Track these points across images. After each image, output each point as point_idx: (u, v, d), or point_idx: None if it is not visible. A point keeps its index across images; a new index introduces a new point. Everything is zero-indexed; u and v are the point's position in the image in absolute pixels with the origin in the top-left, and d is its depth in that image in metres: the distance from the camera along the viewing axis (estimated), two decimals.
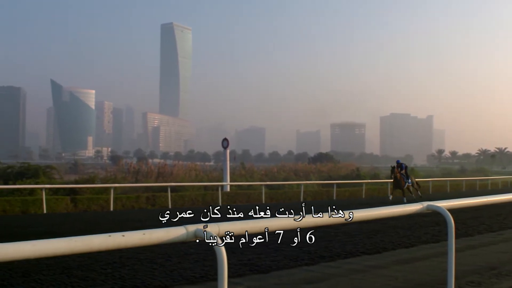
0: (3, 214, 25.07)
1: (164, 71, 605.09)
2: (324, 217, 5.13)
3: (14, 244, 3.31)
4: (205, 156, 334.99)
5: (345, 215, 5.26)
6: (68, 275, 8.97)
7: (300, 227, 4.75)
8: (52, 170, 41.67)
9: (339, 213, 5.21)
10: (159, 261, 10.27)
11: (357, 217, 5.48)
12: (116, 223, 19.14)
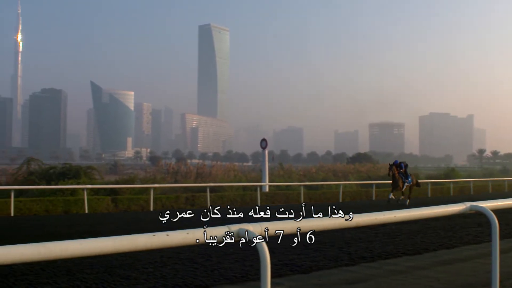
0: (46, 214, 25.54)
1: (202, 72, 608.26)
2: (371, 217, 5.10)
3: (62, 243, 3.38)
4: (243, 157, 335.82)
5: (388, 216, 5.22)
6: (110, 274, 9.08)
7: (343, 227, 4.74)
8: (93, 170, 42.24)
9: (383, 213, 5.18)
10: (199, 260, 10.33)
11: (399, 217, 5.44)
12: (156, 223, 19.31)
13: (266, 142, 37.77)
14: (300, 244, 12.21)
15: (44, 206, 26.05)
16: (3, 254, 3.23)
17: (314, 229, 4.57)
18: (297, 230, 4.41)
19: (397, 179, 29.13)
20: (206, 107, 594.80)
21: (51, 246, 3.33)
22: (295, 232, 4.40)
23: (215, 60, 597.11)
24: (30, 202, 26.16)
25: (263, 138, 38.25)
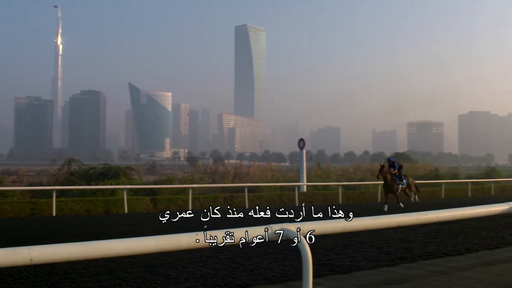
0: (87, 213, 25.95)
1: (239, 72, 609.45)
2: (413, 217, 5.06)
3: (107, 242, 3.45)
4: (280, 157, 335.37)
5: (430, 216, 5.18)
6: (151, 273, 9.19)
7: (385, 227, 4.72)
8: (131, 171, 42.63)
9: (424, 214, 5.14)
10: (238, 260, 10.36)
11: (441, 217, 5.39)
12: (195, 222, 19.41)
13: (304, 142, 37.66)
14: (339, 244, 12.21)
15: (84, 206, 26.49)
16: (51, 253, 3.31)
17: (356, 229, 4.57)
18: (338, 231, 4.42)
19: (390, 182, 26.31)
20: (243, 107, 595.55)
21: (97, 245, 3.40)
22: (336, 232, 4.40)
23: (252, 60, 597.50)
24: (71, 202, 26.60)
25: (301, 138, 38.14)
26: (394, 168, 26.97)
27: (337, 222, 4.45)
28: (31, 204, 25.83)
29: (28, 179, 56.71)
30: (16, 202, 26.40)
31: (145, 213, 26.41)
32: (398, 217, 4.93)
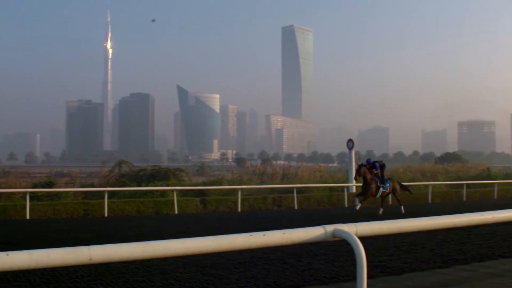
0: (137, 214, 26.33)
1: (286, 73, 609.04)
2: (468, 218, 4.99)
3: (165, 242, 3.51)
4: (329, 157, 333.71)
5: (486, 217, 5.10)
6: (203, 273, 9.25)
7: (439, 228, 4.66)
8: (181, 172, 43.07)
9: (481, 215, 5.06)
10: (289, 261, 10.35)
11: (498, 218, 5.29)
12: (245, 223, 19.49)
13: (352, 142, 37.37)
14: (390, 245, 12.09)
15: (135, 207, 26.89)
16: (111, 252, 3.38)
17: (411, 230, 4.53)
18: (392, 231, 4.38)
19: (369, 183, 23.71)
20: (290, 108, 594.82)
21: (155, 245, 3.46)
22: (391, 232, 4.37)
23: (299, 61, 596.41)
24: (123, 203, 27.05)
25: (350, 139, 37.86)
26: (376, 169, 24.23)
27: (392, 223, 4.41)
28: (84, 205, 26.39)
29: (80, 181, 57.84)
30: (70, 203, 27.00)
31: (195, 214, 26.65)
32: (453, 218, 4.85)
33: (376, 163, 24.39)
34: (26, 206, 24.21)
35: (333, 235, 4.08)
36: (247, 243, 3.79)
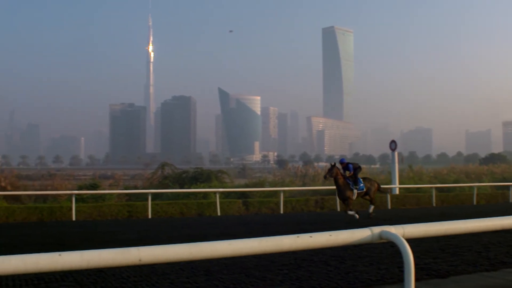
0: (180, 216, 26.55)
1: (327, 74, 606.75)
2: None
3: (212, 243, 3.54)
4: (370, 159, 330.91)
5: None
6: (247, 275, 9.27)
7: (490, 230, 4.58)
8: (223, 174, 43.26)
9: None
10: (333, 263, 10.31)
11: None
12: (288, 225, 19.46)
13: (395, 143, 37.05)
14: (435, 247, 11.93)
15: (178, 208, 27.13)
16: (160, 253, 3.43)
17: (459, 232, 4.47)
18: (440, 233, 4.33)
19: (342, 185, 21.96)
20: (331, 109, 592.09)
21: (203, 246, 3.49)
22: (438, 234, 4.31)
23: (340, 62, 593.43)
24: (166, 205, 27.32)
25: (392, 140, 37.54)
26: (349, 170, 22.57)
27: (440, 225, 4.35)
28: (128, 207, 26.73)
29: (124, 183, 58.60)
30: (114, 204, 27.37)
31: (237, 216, 26.72)
32: (502, 220, 4.77)
33: (349, 164, 22.82)
34: (72, 208, 24.64)
35: (380, 237, 4.06)
36: (293, 244, 3.79)
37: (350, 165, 22.67)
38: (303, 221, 21.44)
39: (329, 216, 24.96)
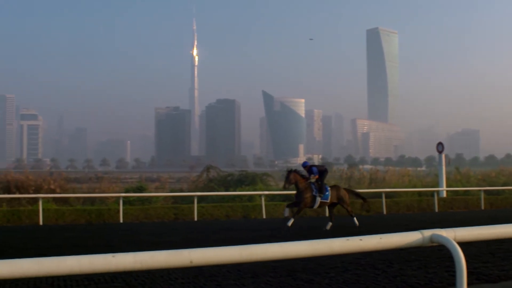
0: (226, 218, 26.69)
1: (371, 76, 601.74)
2: None
3: (263, 246, 3.55)
4: (416, 161, 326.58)
5: None
6: (293, 278, 9.28)
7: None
8: (268, 177, 43.29)
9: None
10: (380, 266, 10.24)
11: None
12: (334, 228, 19.37)
13: (442, 145, 36.56)
14: (485, 252, 11.72)
15: (224, 211, 27.28)
16: (211, 255, 3.47)
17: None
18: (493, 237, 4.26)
19: (303, 191, 19.65)
20: (376, 111, 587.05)
21: (254, 248, 3.51)
22: (491, 238, 4.25)
23: (384, 64, 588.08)
24: (212, 207, 27.52)
25: (439, 142, 37.06)
26: (313, 174, 19.93)
27: (492, 228, 4.28)
28: (174, 210, 27.01)
29: (169, 186, 59.15)
30: (160, 207, 27.69)
31: (283, 219, 26.69)
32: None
33: (313, 167, 20.31)
34: (120, 210, 25.06)
35: (430, 241, 4.01)
36: (344, 247, 3.78)
37: (314, 168, 20.22)
38: (349, 224, 21.30)
39: (375, 219, 24.77)
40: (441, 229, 4.07)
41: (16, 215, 25.17)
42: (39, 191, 31.88)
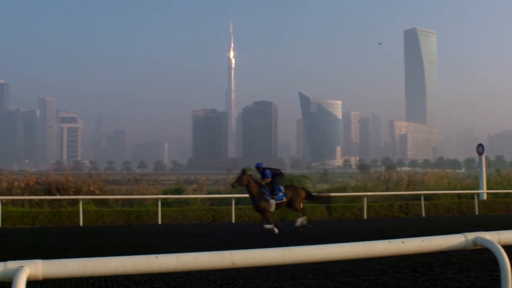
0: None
1: (409, 77, 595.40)
2: None
3: (305, 248, 3.56)
4: (455, 163, 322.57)
5: None
6: (332, 280, 9.24)
7: None
8: (305, 179, 43.13)
9: None
10: (420, 269, 10.13)
11: None
12: (371, 231, 19.24)
13: (483, 147, 36.02)
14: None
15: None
16: (253, 257, 3.48)
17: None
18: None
19: (256, 196, 18.91)
20: (414, 113, 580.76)
21: (295, 250, 3.52)
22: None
23: (422, 64, 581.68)
24: (249, 209, 27.52)
25: (480, 143, 36.52)
26: (266, 177, 19.34)
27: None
28: (212, 211, 27.18)
29: (207, 188, 59.53)
30: (198, 209, 27.87)
31: (320, 221, 26.64)
32: None
33: (266, 170, 19.55)
34: (158, 212, 25.30)
35: (474, 244, 3.96)
36: (386, 250, 3.76)
37: (268, 171, 19.51)
38: (388, 226, 21.15)
39: (414, 222, 24.53)
40: (485, 232, 4.01)
41: (57, 216, 25.63)
42: (79, 193, 32.38)
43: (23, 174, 40.35)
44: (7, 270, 3.62)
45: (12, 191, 33.54)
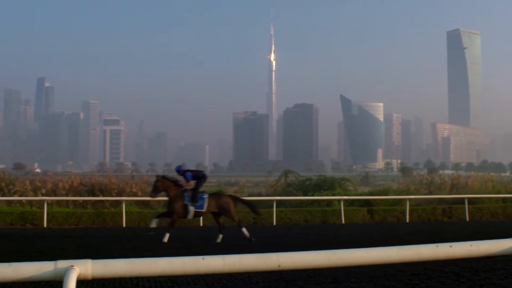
0: (305, 223, 26.69)
1: (452, 79, 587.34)
2: None
3: (350, 251, 3.55)
4: (500, 167, 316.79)
5: None
6: (375, 284, 9.17)
7: None
8: (346, 182, 42.95)
9: None
10: (465, 274, 9.98)
11: None
12: (414, 235, 19.02)
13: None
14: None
15: (303, 216, 27.30)
16: (299, 260, 3.48)
17: None
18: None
19: (173, 198, 17.12)
20: (457, 115, 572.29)
21: (341, 253, 3.51)
22: None
23: (466, 66, 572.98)
24: (291, 212, 27.59)
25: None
26: (187, 180, 17.57)
27: None
28: (253, 214, 27.15)
29: (248, 190, 59.66)
30: (239, 211, 27.86)
31: (362, 224, 26.49)
32: None
33: (187, 172, 17.71)
34: None
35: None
36: (432, 254, 3.72)
37: (188, 173, 17.66)
38: (431, 230, 20.89)
39: (458, 226, 24.15)
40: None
41: (100, 217, 26.04)
42: (121, 194, 32.84)
43: (67, 175, 41.04)
44: (57, 269, 3.70)
45: (57, 192, 34.20)
